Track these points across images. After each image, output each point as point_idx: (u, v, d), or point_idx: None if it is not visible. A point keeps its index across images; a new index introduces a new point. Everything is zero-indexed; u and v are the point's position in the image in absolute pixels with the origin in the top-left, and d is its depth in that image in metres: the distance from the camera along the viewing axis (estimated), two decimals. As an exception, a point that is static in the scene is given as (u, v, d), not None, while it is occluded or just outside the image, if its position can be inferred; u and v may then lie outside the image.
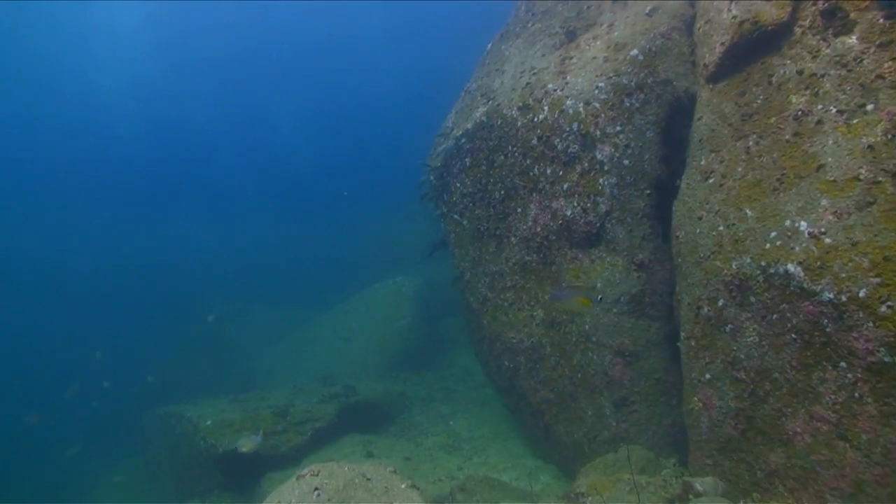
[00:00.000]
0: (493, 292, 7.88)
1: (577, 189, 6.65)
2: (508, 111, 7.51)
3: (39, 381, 17.64)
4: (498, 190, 7.70)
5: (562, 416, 7.00)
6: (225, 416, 8.55)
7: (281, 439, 8.30)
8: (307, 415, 8.77)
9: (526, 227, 7.30)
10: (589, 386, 6.60)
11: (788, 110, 5.06)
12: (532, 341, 7.29)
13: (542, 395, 7.20)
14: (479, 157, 8.00)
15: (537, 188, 7.13)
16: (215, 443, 8.14)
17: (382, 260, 21.62)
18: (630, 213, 6.41)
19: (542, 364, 7.18)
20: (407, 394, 11.46)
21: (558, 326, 6.95)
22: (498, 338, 7.81)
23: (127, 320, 21.65)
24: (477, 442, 9.01)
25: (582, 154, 6.63)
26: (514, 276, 7.55)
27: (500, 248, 7.75)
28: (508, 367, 7.74)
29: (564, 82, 6.98)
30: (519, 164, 7.34)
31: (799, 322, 4.40)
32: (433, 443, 9.07)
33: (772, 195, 4.90)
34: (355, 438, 8.75)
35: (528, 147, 7.19)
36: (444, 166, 8.71)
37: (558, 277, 6.94)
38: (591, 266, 6.59)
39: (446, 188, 8.69)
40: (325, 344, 15.45)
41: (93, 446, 14.72)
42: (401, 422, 10.22)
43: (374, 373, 13.50)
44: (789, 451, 4.56)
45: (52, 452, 14.65)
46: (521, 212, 7.38)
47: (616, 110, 6.48)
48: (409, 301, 14.62)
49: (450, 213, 8.68)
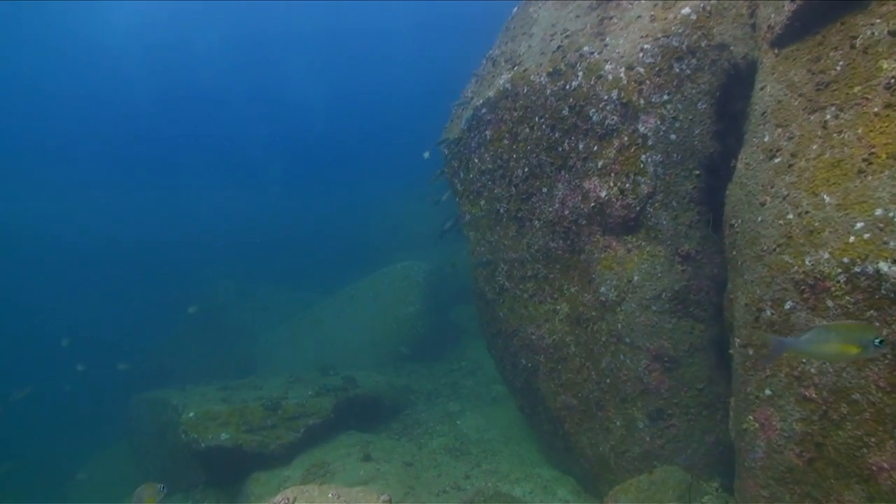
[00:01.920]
0: (511, 282, 7.14)
1: (613, 167, 5.87)
2: (536, 77, 6.71)
3: (21, 362, 17.12)
4: (521, 167, 6.92)
5: (585, 425, 6.27)
6: (210, 408, 7.88)
7: (270, 436, 7.62)
8: (301, 409, 8.08)
9: (552, 210, 6.53)
10: (619, 393, 5.85)
11: (878, 78, 4.25)
12: (554, 339, 6.55)
13: (564, 399, 6.46)
14: (500, 130, 7.22)
15: (567, 165, 6.35)
16: (197, 437, 7.48)
17: (391, 242, 20.98)
18: (676, 196, 5.62)
19: (565, 365, 6.44)
20: (412, 387, 10.77)
21: (585, 324, 6.20)
22: (515, 333, 7.08)
23: (121, 298, 21.16)
24: (486, 445, 8.31)
25: (621, 126, 5.83)
26: (535, 264, 6.80)
27: (521, 233, 6.99)
28: (526, 367, 7.01)
29: (603, 44, 6.17)
30: (546, 138, 6.55)
31: (891, 334, 3.63)
32: (438, 445, 8.38)
33: (857, 178, 4.10)
34: (353, 437, 8.06)
35: (558, 118, 6.40)
36: (461, 140, 7.94)
37: (587, 268, 6.18)
38: (627, 256, 5.81)
39: (463, 164, 7.92)
40: (328, 330, 14.81)
41: (69, 433, 14.21)
42: (404, 418, 9.54)
43: (378, 362, 12.85)
44: (870, 489, 3.80)
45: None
46: (546, 192, 6.61)
47: (664, 76, 5.68)
48: (418, 287, 13.90)
49: (466, 192, 7.92)
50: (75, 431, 14.89)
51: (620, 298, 5.79)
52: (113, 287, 22.12)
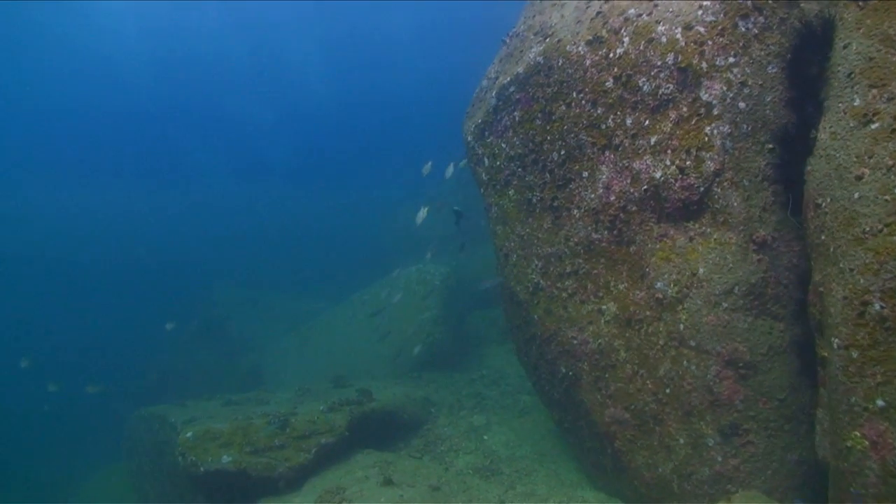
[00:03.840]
0: (547, 279, 6.41)
1: (670, 142, 5.15)
2: (573, 48, 6.00)
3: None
4: (557, 150, 6.21)
5: (640, 442, 5.52)
6: (210, 427, 7.16)
7: (277, 457, 6.89)
8: (312, 426, 7.35)
9: (594, 197, 5.81)
10: (683, 406, 5.11)
11: None
12: (600, 343, 5.82)
13: (613, 413, 5.72)
14: (532, 110, 6.51)
15: (612, 144, 5.63)
16: (196, 459, 6.76)
17: (402, 246, 20.29)
18: (747, 173, 4.89)
19: (614, 373, 5.71)
20: (431, 399, 10.04)
21: (637, 325, 5.47)
22: (553, 337, 6.35)
23: (122, 309, 20.56)
24: (519, 464, 7.57)
25: (679, 96, 5.11)
26: (576, 258, 6.08)
27: (557, 224, 6.27)
28: (566, 376, 6.28)
29: (653, 5, 5.45)
30: (587, 115, 5.84)
31: None
32: (465, 464, 7.64)
33: None
34: (370, 458, 7.33)
35: (601, 91, 5.69)
36: (486, 124, 7.24)
37: (639, 261, 5.45)
38: (689, 246, 5.08)
39: (488, 151, 7.22)
40: (339, 338, 14.11)
41: (61, 454, 13.54)
42: (425, 434, 8.80)
43: (393, 372, 12.13)
44: None
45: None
46: (587, 176, 5.90)
47: (728, 36, 4.96)
48: (435, 291, 13.17)
49: (492, 181, 7.21)
50: (68, 453, 14.22)
51: (682, 295, 5.06)
52: (110, 296, 21.53)
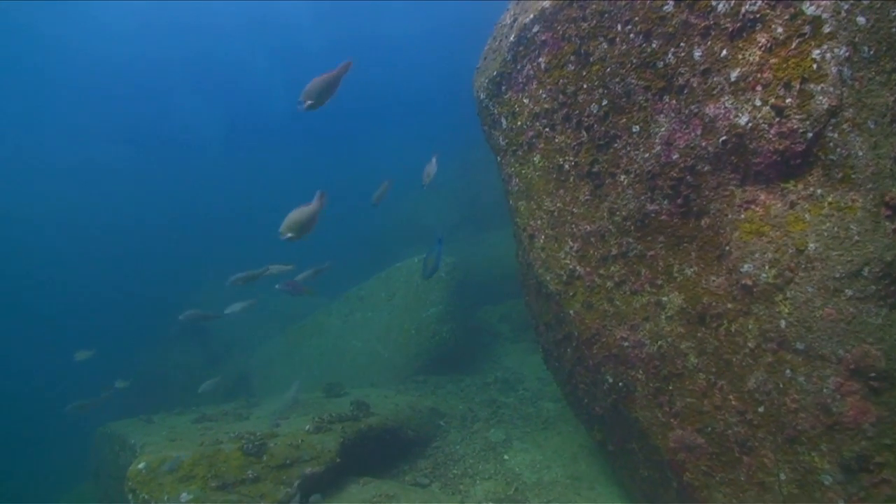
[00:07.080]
0: (586, 265, 5.21)
1: (760, 76, 3.92)
2: (616, -33, 4.77)
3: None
4: (596, 100, 5.00)
5: (720, 476, 4.32)
6: (167, 455, 5.96)
7: (251, 493, 5.64)
8: (295, 452, 6.13)
9: (649, 156, 4.61)
10: (784, 429, 3.90)
11: None
12: (660, 346, 4.62)
13: (681, 436, 4.52)
14: (562, 52, 5.29)
15: (673, 87, 4.42)
16: (148, 498, 5.56)
17: (402, 236, 19.12)
18: (872, 112, 3.66)
19: (681, 385, 4.51)
20: (440, 409, 8.84)
21: (715, 322, 4.27)
22: (595, 338, 5.15)
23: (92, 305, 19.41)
24: (549, 491, 6.38)
25: (771, 13, 3.88)
26: (624, 237, 4.87)
27: (598, 195, 5.07)
28: (613, 387, 5.08)
29: None
30: (637, 52, 4.62)
31: None
32: (484, 492, 6.44)
33: None
34: (368, 489, 6.12)
35: (656, 18, 4.48)
36: (502, 76, 6.02)
37: (715, 237, 4.23)
38: (791, 214, 3.86)
39: (506, 109, 6.01)
40: (333, 339, 12.92)
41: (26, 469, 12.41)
42: (433, 453, 7.61)
43: (395, 376, 10.96)
44: None
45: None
46: (639, 131, 4.69)
47: (841, -74, 3.72)
48: (441, 284, 11.95)
49: (511, 146, 6.00)
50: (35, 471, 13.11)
51: (783, 280, 3.85)
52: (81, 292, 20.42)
